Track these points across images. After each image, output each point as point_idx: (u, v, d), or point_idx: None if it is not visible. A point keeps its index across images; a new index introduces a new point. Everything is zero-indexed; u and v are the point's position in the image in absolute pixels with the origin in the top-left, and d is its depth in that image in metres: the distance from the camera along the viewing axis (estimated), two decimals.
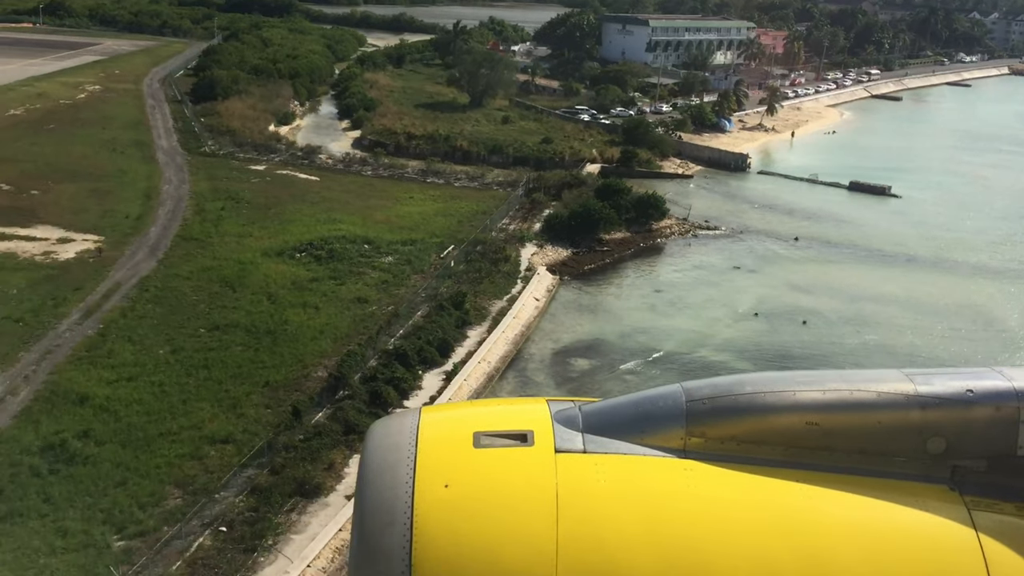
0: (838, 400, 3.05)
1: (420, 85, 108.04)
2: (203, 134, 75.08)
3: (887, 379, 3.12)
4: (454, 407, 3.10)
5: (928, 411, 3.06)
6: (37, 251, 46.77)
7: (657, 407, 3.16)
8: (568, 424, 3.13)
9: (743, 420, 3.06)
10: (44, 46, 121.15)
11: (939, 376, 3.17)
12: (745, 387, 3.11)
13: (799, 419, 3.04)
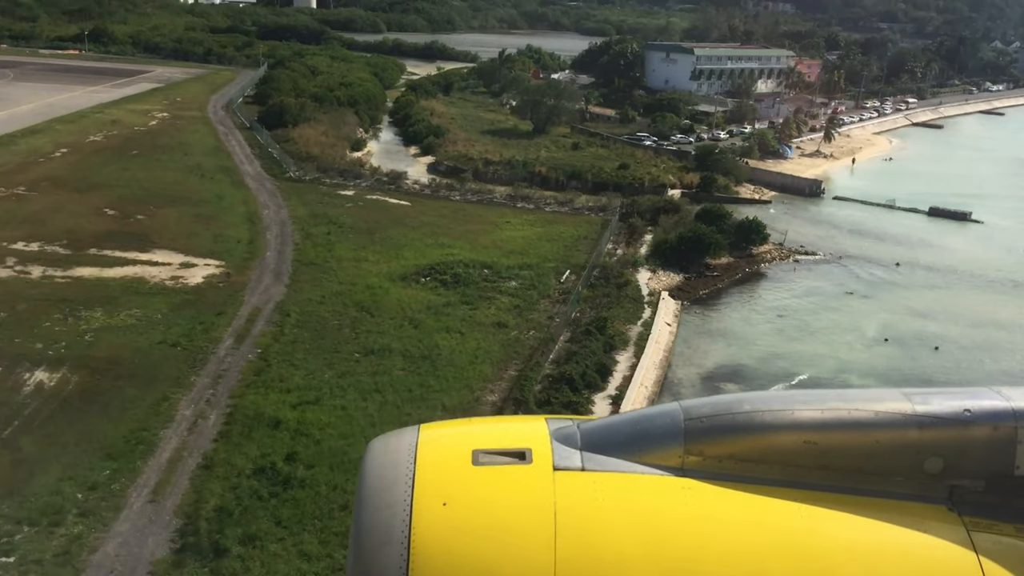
0: (836, 419, 3.05)
1: (474, 112, 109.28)
2: (284, 160, 75.83)
3: (885, 399, 3.13)
4: (453, 424, 3.17)
5: (926, 431, 3.05)
6: (165, 276, 47.24)
7: (655, 425, 3.16)
8: (566, 442, 3.13)
9: (741, 439, 3.05)
10: (98, 73, 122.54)
11: (937, 396, 3.17)
12: (743, 406, 3.11)
13: (797, 438, 3.04)
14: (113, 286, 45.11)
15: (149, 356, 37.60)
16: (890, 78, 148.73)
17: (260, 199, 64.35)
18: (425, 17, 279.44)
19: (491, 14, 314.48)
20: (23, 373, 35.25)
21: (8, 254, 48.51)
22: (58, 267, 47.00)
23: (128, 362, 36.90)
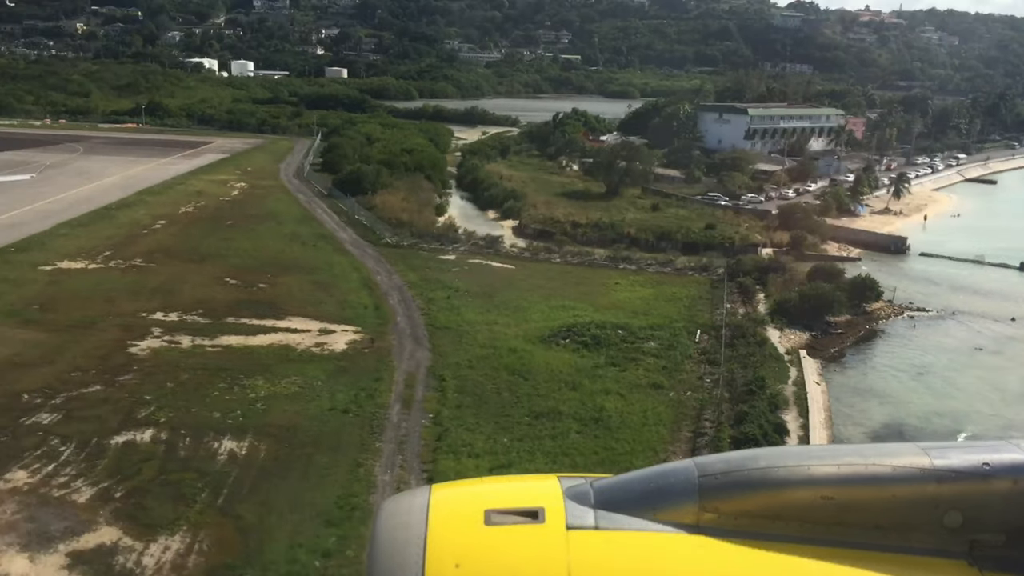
0: (853, 474, 3.02)
1: (538, 175, 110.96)
2: (376, 226, 77.15)
3: (902, 453, 3.09)
4: (465, 484, 3.24)
5: (944, 485, 3.01)
6: (309, 342, 47.88)
7: (669, 482, 3.14)
8: (580, 500, 3.11)
9: (757, 495, 3.02)
10: (162, 145, 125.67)
11: (955, 450, 3.13)
12: (759, 461, 3.10)
13: (814, 494, 3.00)
14: (263, 354, 45.75)
15: (325, 423, 37.98)
16: (936, 134, 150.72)
17: (368, 265, 65.38)
18: (454, 84, 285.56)
19: (516, 79, 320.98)
20: (211, 442, 35.64)
21: (152, 324, 49.38)
22: (204, 336, 47.74)
23: (306, 429, 37.28)
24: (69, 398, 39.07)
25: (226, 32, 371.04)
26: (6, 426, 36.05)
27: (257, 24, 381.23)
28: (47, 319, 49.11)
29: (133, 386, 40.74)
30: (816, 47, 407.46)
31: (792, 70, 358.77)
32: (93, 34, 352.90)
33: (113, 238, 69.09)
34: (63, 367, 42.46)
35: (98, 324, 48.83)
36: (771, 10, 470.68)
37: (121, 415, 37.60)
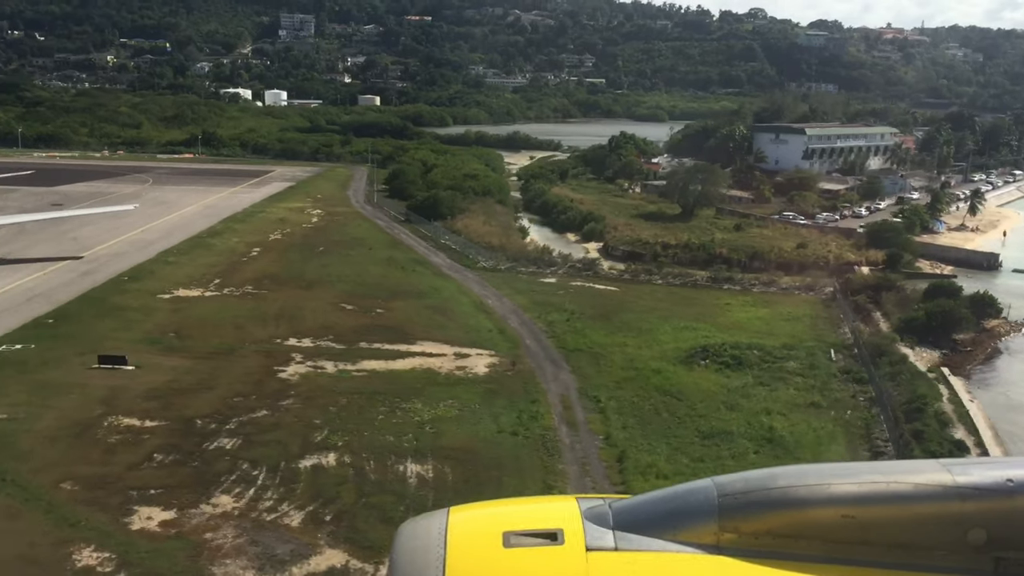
0: (874, 492, 2.96)
1: (603, 197, 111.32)
2: (466, 250, 77.66)
3: (924, 470, 3.04)
4: (483, 506, 3.16)
5: (967, 502, 2.96)
6: (449, 366, 48.13)
7: (688, 503, 3.10)
8: (598, 521, 3.08)
9: (777, 514, 2.97)
10: (225, 175, 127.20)
11: (977, 466, 3.10)
12: (778, 480, 3.05)
13: (835, 512, 2.94)
14: (409, 378, 46.03)
15: (499, 445, 38.13)
16: (988, 151, 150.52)
17: (473, 289, 65.78)
18: (486, 109, 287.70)
19: (544, 104, 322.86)
20: (396, 465, 35.85)
21: (290, 350, 49.82)
22: (345, 361, 48.08)
23: (483, 452, 37.42)
24: (241, 423, 39.44)
25: (253, 62, 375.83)
26: (193, 451, 36.46)
27: (284, 53, 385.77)
28: (187, 346, 49.68)
29: (297, 411, 41.11)
30: (842, 66, 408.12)
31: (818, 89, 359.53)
32: (124, 66, 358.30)
33: (217, 266, 69.87)
34: (223, 392, 42.91)
35: (237, 350, 49.36)
36: (794, 30, 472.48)
37: (298, 439, 37.92)
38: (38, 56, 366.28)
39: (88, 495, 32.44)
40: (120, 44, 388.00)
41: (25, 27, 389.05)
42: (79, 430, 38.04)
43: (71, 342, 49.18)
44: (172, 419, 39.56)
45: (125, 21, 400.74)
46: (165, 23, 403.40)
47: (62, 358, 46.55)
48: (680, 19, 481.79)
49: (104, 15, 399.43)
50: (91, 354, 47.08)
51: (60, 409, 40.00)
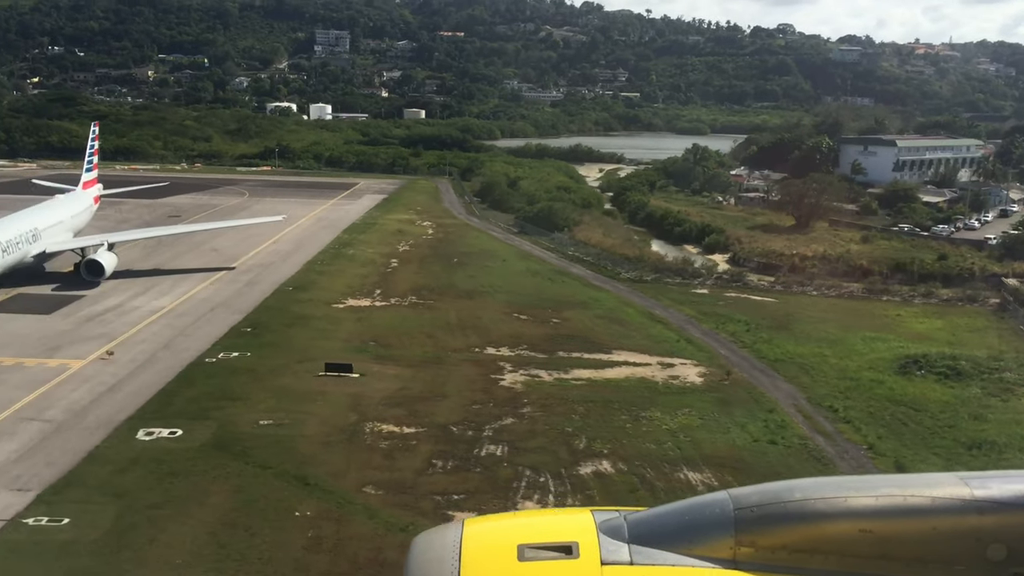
0: (892, 506, 2.90)
1: (698, 209, 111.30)
2: (601, 261, 77.85)
3: (942, 483, 2.99)
4: (497, 519, 3.06)
5: (986, 516, 2.88)
6: (661, 375, 48.13)
7: (704, 516, 3.07)
8: (614, 535, 3.03)
9: (794, 528, 2.92)
10: (315, 187, 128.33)
11: (995, 480, 3.03)
12: (794, 493, 3.01)
13: (852, 526, 2.88)
14: (628, 387, 46.08)
15: (763, 455, 38.06)
16: None
17: (633, 300, 65.88)
18: (531, 123, 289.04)
19: (586, 118, 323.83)
20: (675, 473, 35.87)
21: (493, 359, 50.02)
22: (556, 370, 48.16)
23: (752, 461, 37.35)
24: (495, 430, 39.56)
25: (291, 76, 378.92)
26: (467, 457, 36.60)
27: (320, 68, 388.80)
28: (393, 355, 49.90)
29: (542, 418, 41.19)
30: (876, 80, 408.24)
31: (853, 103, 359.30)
32: (165, 81, 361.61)
33: (368, 276, 70.29)
34: (459, 400, 43.09)
35: (444, 359, 49.58)
36: (826, 44, 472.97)
37: (562, 446, 38.01)
38: (79, 71, 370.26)
39: (396, 499, 32.61)
40: (159, 59, 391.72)
41: (65, 43, 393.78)
42: (347, 436, 38.29)
43: (282, 350, 49.56)
44: (427, 425, 39.76)
45: (163, 37, 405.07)
46: (203, 39, 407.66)
47: (284, 366, 46.90)
48: (711, 35, 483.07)
49: (142, 31, 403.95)
50: (309, 362, 47.49)
51: (316, 415, 40.27)
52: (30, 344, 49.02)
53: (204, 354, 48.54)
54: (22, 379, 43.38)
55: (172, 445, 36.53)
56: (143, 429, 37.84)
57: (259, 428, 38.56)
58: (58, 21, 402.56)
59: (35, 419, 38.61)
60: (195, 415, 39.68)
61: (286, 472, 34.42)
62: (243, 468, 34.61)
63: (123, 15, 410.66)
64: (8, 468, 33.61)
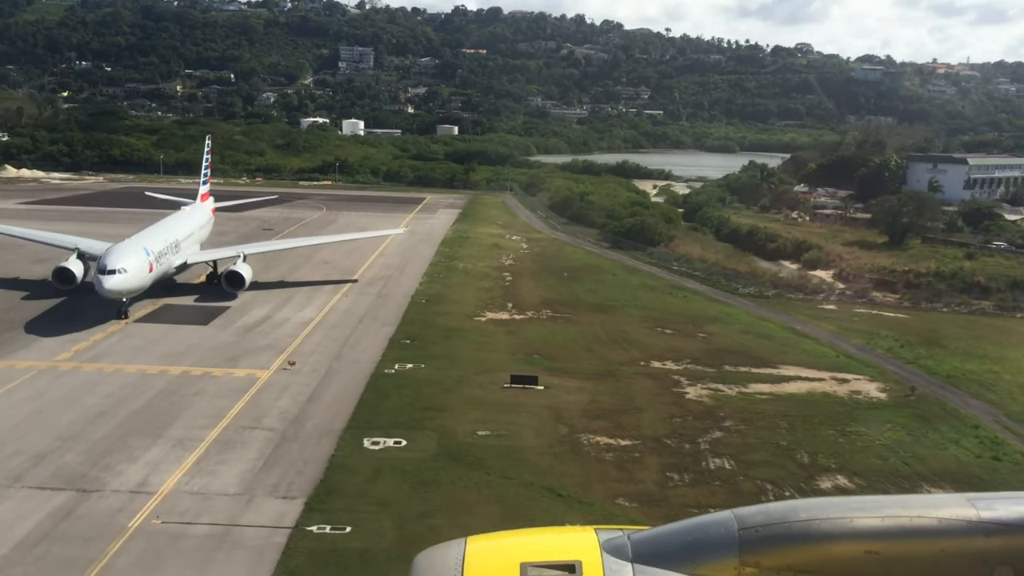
0: (898, 527, 2.84)
1: (775, 226, 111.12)
2: (712, 276, 77.77)
3: (948, 504, 2.92)
4: (500, 536, 2.95)
5: (993, 538, 2.84)
6: (842, 390, 47.92)
7: (709, 536, 2.97)
8: (617, 554, 2.96)
9: (799, 548, 2.83)
10: (384, 201, 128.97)
11: (1002, 501, 2.96)
12: (799, 513, 2.92)
13: (858, 547, 2.82)
14: (816, 402, 45.80)
15: (994, 471, 37.67)
16: None
17: (764, 314, 65.74)
18: (564, 140, 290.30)
19: (615, 135, 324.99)
20: (917, 491, 35.61)
21: (666, 372, 49.88)
22: (736, 384, 47.96)
23: (987, 477, 36.93)
24: (710, 443, 39.38)
25: (317, 92, 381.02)
26: (699, 470, 36.37)
27: (346, 84, 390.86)
28: (563, 367, 49.72)
29: (748, 432, 40.96)
30: (899, 99, 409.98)
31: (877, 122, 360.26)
32: (193, 96, 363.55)
33: (491, 290, 70.26)
34: (656, 413, 42.90)
35: (617, 373, 49.42)
36: (847, 64, 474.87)
37: (787, 460, 37.80)
38: (108, 86, 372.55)
39: (657, 511, 32.33)
40: (185, 75, 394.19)
41: (92, 58, 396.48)
42: (568, 447, 38.14)
43: (453, 363, 49.46)
44: (639, 437, 39.59)
45: (190, 53, 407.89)
46: (228, 55, 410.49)
47: (465, 378, 46.80)
48: (732, 53, 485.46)
49: (169, 47, 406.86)
50: (486, 373, 47.49)
51: (526, 426, 40.12)
52: (206, 354, 49.00)
53: (379, 365, 48.46)
54: (219, 388, 43.34)
55: (403, 454, 36.36)
56: (366, 438, 37.71)
57: (478, 439, 38.39)
58: (84, 36, 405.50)
59: (256, 427, 38.53)
60: (409, 425, 39.53)
61: (531, 483, 34.23)
62: (487, 478, 34.43)
63: (149, 30, 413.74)
64: (261, 476, 33.48)
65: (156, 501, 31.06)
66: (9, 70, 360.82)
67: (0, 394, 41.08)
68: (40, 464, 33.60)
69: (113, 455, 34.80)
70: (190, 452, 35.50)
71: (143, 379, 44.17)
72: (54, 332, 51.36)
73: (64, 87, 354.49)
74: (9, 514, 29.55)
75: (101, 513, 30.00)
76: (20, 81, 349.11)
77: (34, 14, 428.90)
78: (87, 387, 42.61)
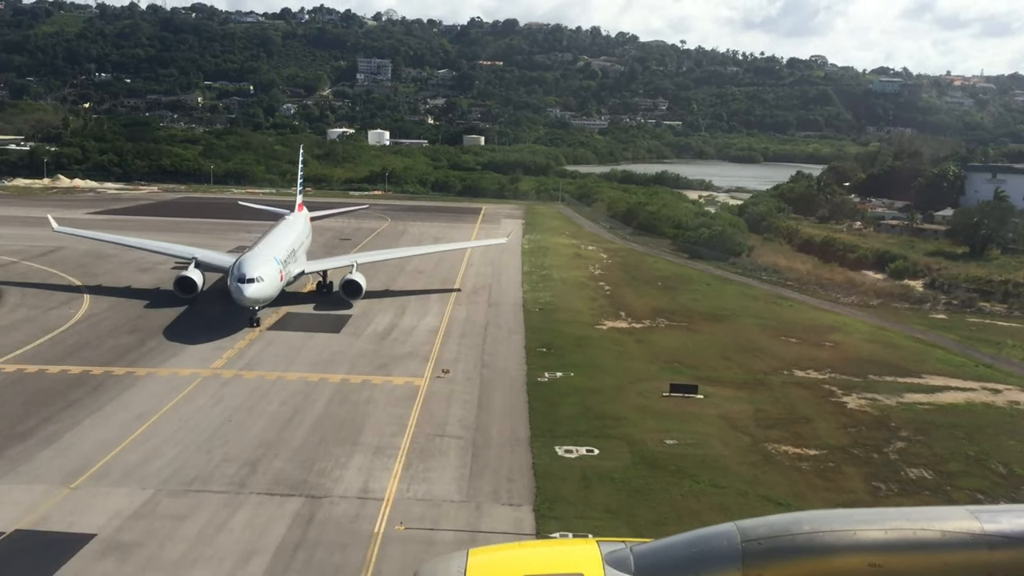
0: (901, 540, 2.58)
1: (838, 236, 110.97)
2: (807, 286, 77.57)
3: (951, 517, 2.63)
4: (501, 549, 2.90)
5: (997, 551, 2.57)
6: (999, 400, 47.61)
7: (711, 548, 2.69)
8: (619, 566, 2.68)
9: (802, 561, 2.57)
10: (442, 211, 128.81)
11: (1006, 514, 2.67)
12: (803, 526, 2.63)
13: (861, 560, 2.57)
14: (980, 412, 45.42)
15: None
16: None
17: (879, 323, 65.53)
18: (591, 150, 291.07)
19: (639, 145, 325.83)
20: None
21: (814, 382, 49.60)
22: (889, 394, 47.61)
23: None
24: (898, 453, 39.09)
25: (336, 103, 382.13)
26: (902, 480, 36.06)
27: (365, 96, 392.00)
28: (709, 377, 49.31)
29: (929, 442, 40.60)
30: (917, 111, 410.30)
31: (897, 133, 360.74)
32: (215, 107, 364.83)
33: (596, 299, 70.08)
34: (829, 423, 42.57)
35: (766, 382, 49.13)
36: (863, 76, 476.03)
37: (982, 469, 37.49)
38: (129, 97, 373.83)
39: None
40: (205, 86, 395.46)
41: (112, 70, 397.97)
42: (760, 456, 37.82)
43: (601, 371, 49.26)
44: (825, 447, 39.22)
45: (208, 64, 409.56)
46: (247, 66, 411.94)
47: (620, 386, 46.58)
48: (749, 65, 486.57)
49: (188, 59, 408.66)
50: (640, 382, 47.34)
51: (708, 435, 39.87)
52: (355, 361, 48.88)
53: (528, 373, 48.26)
54: (387, 397, 43.14)
55: (601, 463, 36.11)
56: (557, 447, 37.50)
57: (668, 447, 38.14)
58: (104, 48, 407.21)
59: (443, 435, 38.33)
60: (593, 434, 39.30)
61: (746, 492, 33.96)
62: (698, 487, 34.18)
63: (168, 42, 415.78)
64: (475, 483, 33.24)
65: (387, 507, 30.86)
66: (30, 81, 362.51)
67: (180, 400, 40.94)
68: (257, 471, 33.42)
69: (321, 462, 34.60)
70: (393, 459, 35.32)
71: (308, 386, 44.02)
72: (196, 340, 51.24)
73: (85, 98, 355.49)
74: (255, 519, 29.37)
75: (341, 518, 29.80)
76: (41, 92, 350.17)
77: (53, 26, 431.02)
78: (259, 394, 42.46)
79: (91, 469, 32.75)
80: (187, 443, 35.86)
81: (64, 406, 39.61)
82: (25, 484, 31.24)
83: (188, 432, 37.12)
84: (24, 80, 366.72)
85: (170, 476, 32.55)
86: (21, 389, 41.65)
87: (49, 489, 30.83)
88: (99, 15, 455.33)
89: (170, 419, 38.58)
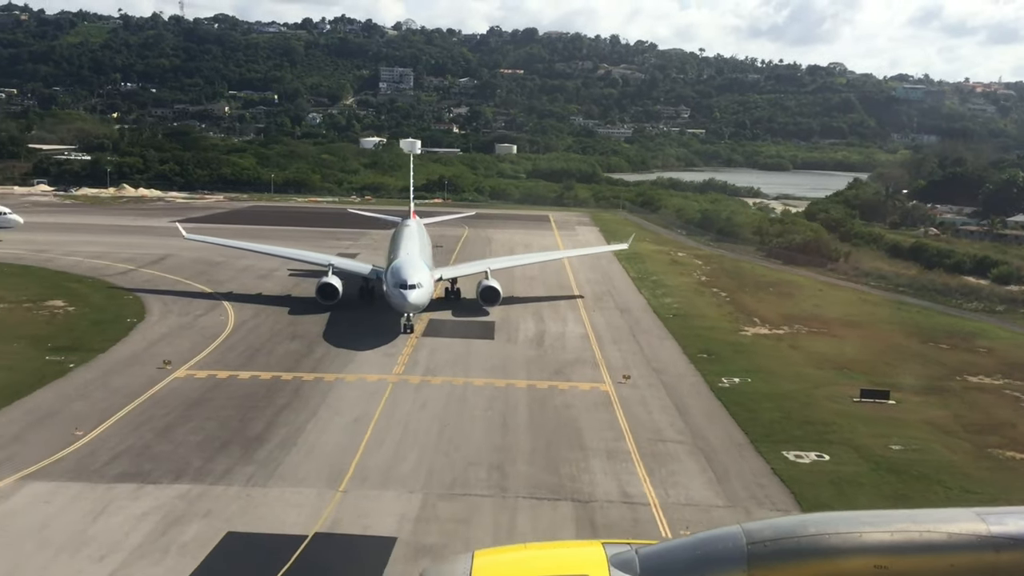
0: (907, 542, 2.60)
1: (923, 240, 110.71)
2: (921, 291, 77.15)
3: (958, 519, 2.64)
4: (507, 551, 2.70)
5: (1003, 553, 2.61)
6: None
7: (717, 550, 2.73)
8: (625, 569, 2.68)
9: (808, 563, 2.61)
10: (510, 218, 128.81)
11: (1012, 516, 2.66)
12: (808, 528, 2.63)
13: (867, 562, 2.60)
14: None
15: None
16: None
17: (1014, 328, 65.03)
18: (623, 158, 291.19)
19: (668, 153, 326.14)
20: None
21: (991, 387, 49.13)
22: None
23: None
24: None
25: (360, 112, 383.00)
26: None
27: (388, 105, 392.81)
28: (884, 382, 48.71)
29: None
30: (941, 118, 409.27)
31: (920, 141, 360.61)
32: (242, 116, 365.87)
33: (722, 306, 69.61)
34: None
35: (945, 388, 48.59)
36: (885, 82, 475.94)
37: None
38: (156, 107, 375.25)
39: None
40: (230, 95, 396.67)
41: (137, 79, 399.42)
42: (991, 462, 37.30)
43: (776, 377, 48.80)
44: None
45: (232, 74, 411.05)
46: (271, 76, 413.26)
47: (805, 391, 46.16)
48: (771, 72, 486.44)
49: (212, 68, 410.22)
50: (823, 387, 46.91)
51: (926, 440, 39.38)
52: (529, 367, 48.51)
53: (706, 379, 47.83)
54: (583, 401, 42.72)
55: (838, 468, 35.54)
56: (784, 452, 37.03)
57: (896, 453, 37.62)
58: (128, 58, 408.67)
59: (664, 440, 37.90)
60: (813, 439, 38.77)
61: (997, 498, 33.43)
62: (950, 492, 33.54)
63: (192, 52, 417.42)
64: (727, 488, 32.75)
65: (659, 512, 30.39)
66: (56, 91, 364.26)
67: (385, 405, 40.60)
68: (508, 475, 33.00)
69: (564, 467, 34.17)
70: (630, 463, 34.89)
71: (499, 391, 43.66)
72: (362, 346, 50.91)
73: (112, 108, 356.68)
74: (538, 522, 28.87)
75: (622, 522, 29.29)
76: (68, 102, 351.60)
77: (77, 36, 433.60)
78: (456, 400, 42.08)
79: (348, 473, 32.38)
80: (422, 447, 35.49)
81: (277, 410, 39.29)
82: (293, 487, 30.89)
83: (414, 436, 36.75)
84: (51, 90, 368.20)
85: (427, 479, 32.15)
86: (225, 394, 41.35)
87: (321, 492, 30.45)
88: (123, 26, 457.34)
89: (388, 423, 38.22)
